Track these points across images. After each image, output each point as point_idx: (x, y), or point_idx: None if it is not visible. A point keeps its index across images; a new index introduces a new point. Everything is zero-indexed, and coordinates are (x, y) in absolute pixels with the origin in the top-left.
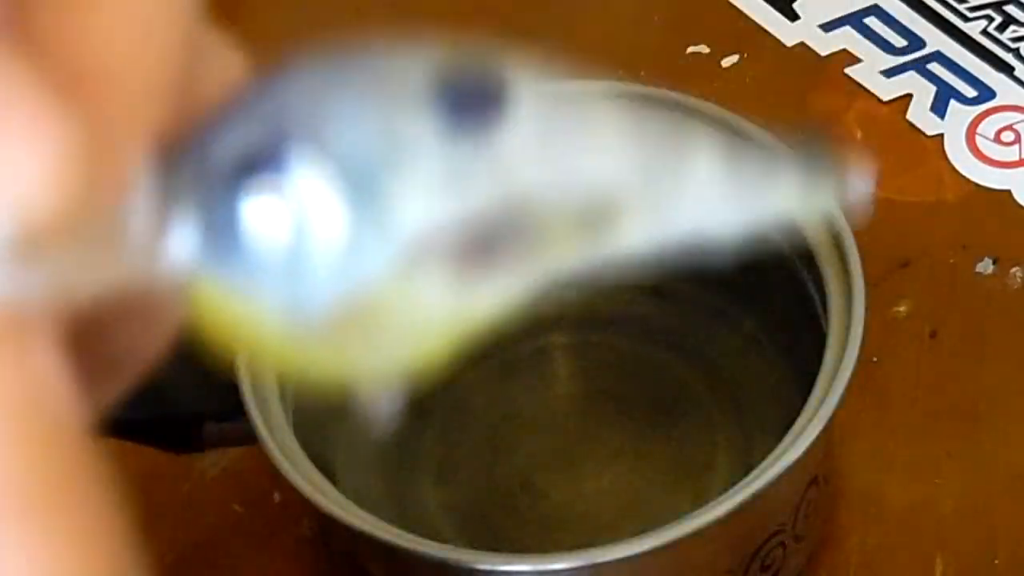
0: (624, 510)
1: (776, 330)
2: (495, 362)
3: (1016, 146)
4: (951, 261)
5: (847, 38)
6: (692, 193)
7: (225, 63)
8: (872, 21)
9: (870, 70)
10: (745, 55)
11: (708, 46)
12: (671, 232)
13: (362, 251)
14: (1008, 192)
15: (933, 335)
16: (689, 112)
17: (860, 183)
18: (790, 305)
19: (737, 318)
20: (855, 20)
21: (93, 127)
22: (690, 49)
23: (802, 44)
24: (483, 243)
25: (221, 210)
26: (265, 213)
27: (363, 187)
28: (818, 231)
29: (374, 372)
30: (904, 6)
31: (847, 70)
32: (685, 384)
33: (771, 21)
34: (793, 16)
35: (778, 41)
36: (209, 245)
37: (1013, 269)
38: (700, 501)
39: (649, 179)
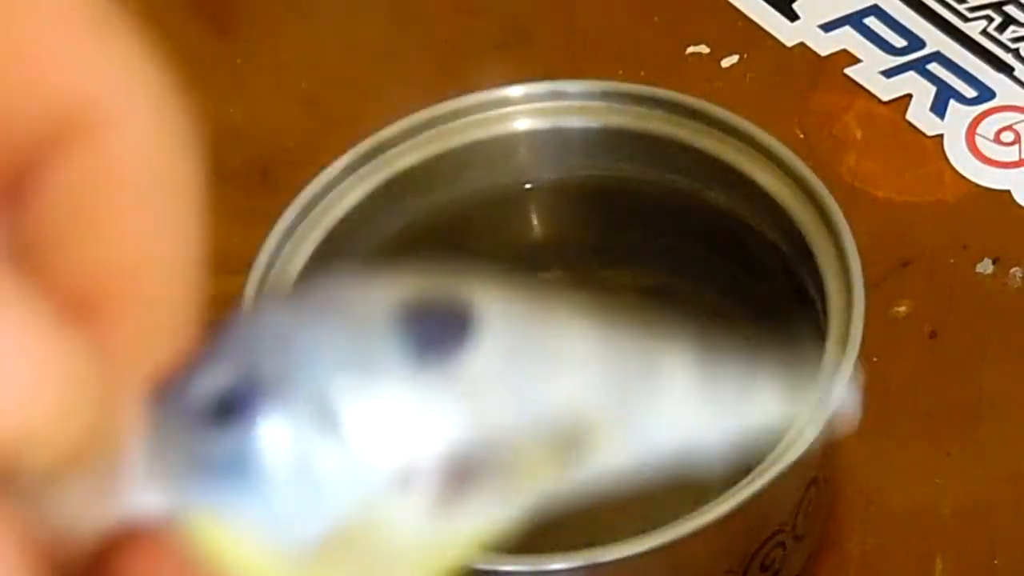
0: (624, 510)
1: (776, 330)
2: None
3: (1016, 146)
4: (951, 261)
5: (847, 38)
6: (667, 410)
7: None
8: (872, 21)
9: (870, 70)
10: (745, 55)
11: (708, 46)
12: (649, 450)
13: (338, 483)
14: (1008, 192)
15: (933, 335)
16: (689, 113)
17: (847, 395)
18: (789, 305)
19: (737, 318)
20: (855, 20)
21: (97, 358)
22: (690, 49)
23: (802, 44)
24: (459, 470)
25: (200, 450)
26: (242, 452)
27: (334, 421)
28: (818, 231)
29: None
30: (904, 6)
31: (847, 70)
32: None
33: (771, 21)
34: (793, 16)
35: (778, 41)
36: (192, 483)
37: (1013, 269)
38: (700, 501)
39: (621, 399)
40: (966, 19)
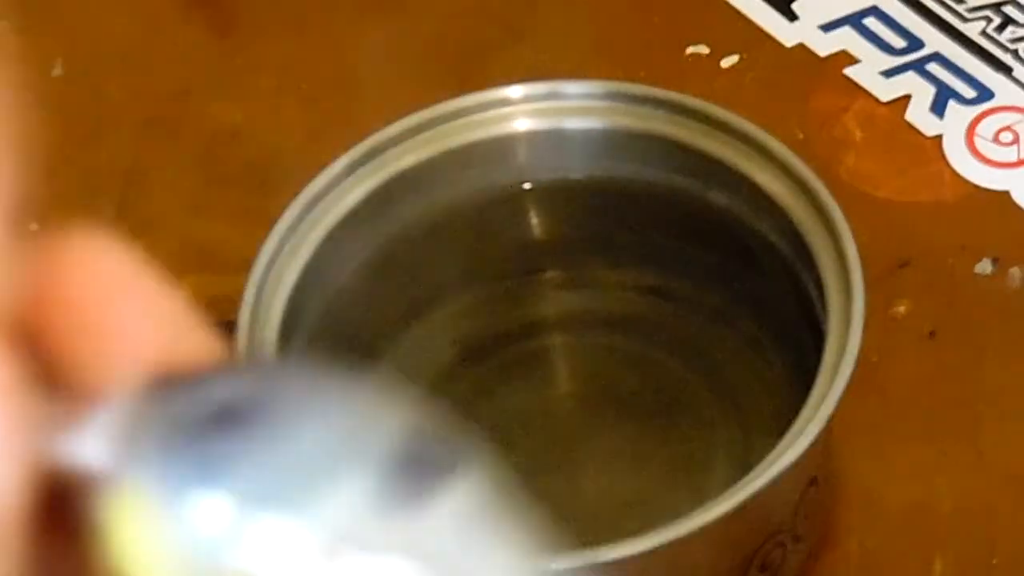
0: (624, 510)
1: (776, 330)
2: (495, 362)
3: (1015, 147)
4: (950, 261)
5: (846, 39)
6: None
7: (198, 344)
8: (871, 22)
9: (869, 71)
10: (745, 55)
11: (708, 46)
12: None
13: (263, 550)
14: (1007, 193)
15: (933, 335)
16: (689, 113)
17: None
18: (789, 305)
19: (737, 318)
20: (854, 21)
21: None
22: (690, 49)
23: (801, 45)
24: None
25: (170, 437)
26: (205, 463)
27: (288, 506)
28: (818, 231)
29: None
30: (903, 7)
31: (846, 71)
32: (685, 384)
33: (771, 22)
34: (792, 17)
35: (778, 42)
36: (143, 456)
37: (1012, 269)
38: (700, 501)
39: None
40: (965, 19)
